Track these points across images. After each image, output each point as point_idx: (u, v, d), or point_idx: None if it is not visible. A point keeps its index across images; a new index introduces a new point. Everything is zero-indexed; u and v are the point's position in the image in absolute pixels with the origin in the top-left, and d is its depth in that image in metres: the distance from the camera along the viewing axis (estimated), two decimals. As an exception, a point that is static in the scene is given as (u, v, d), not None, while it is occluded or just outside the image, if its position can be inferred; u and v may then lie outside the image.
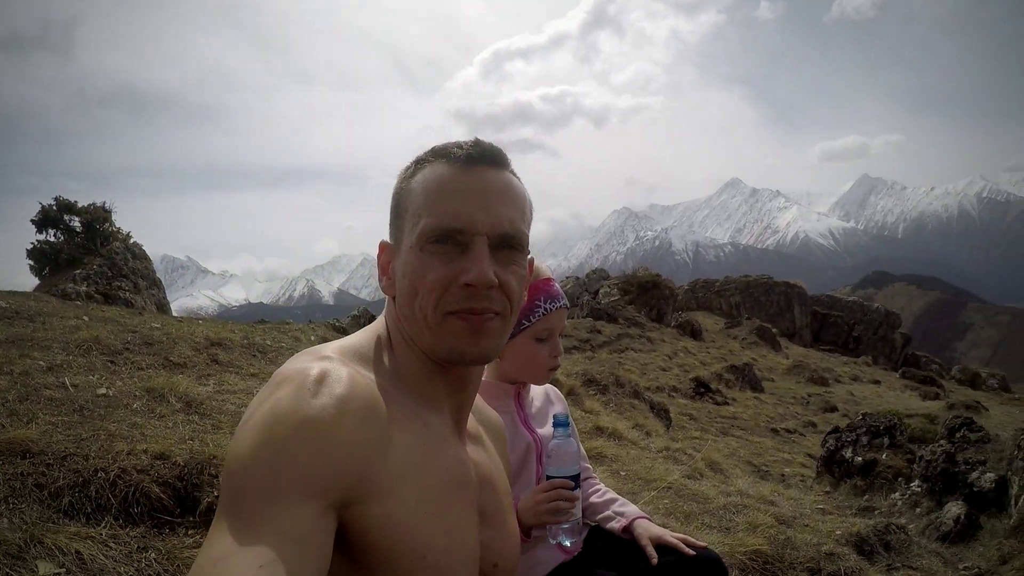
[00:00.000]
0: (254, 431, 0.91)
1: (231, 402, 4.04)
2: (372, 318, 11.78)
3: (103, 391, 3.41)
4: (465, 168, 1.12)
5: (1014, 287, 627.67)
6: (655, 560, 1.88)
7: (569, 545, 1.79)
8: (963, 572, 4.23)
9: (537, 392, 2.17)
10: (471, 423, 1.29)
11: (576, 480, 1.79)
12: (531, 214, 1.19)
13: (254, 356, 5.93)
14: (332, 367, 1.02)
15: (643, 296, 25.88)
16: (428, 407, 1.15)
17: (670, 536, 1.94)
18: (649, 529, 2.00)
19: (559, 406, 2.20)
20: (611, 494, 2.21)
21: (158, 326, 5.58)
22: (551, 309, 1.98)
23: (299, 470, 0.87)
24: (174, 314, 12.26)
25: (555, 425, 1.80)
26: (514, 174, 1.19)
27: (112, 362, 4.25)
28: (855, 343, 35.55)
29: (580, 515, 1.84)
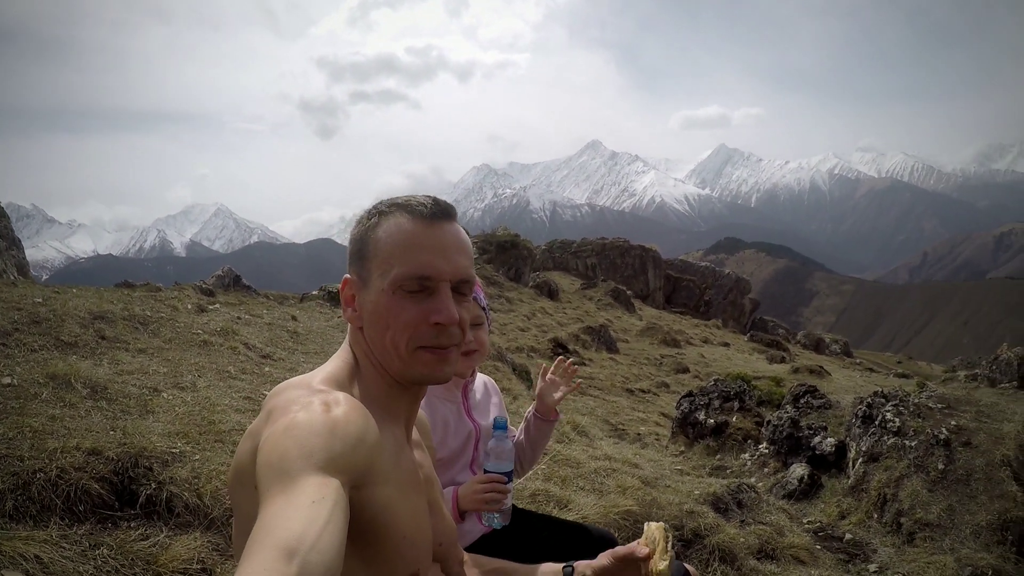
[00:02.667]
0: (285, 434, 1.12)
1: (131, 384, 4.07)
2: (237, 278, 11.43)
3: (7, 380, 3.35)
4: (428, 223, 1.36)
5: (859, 259, 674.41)
6: None
7: (499, 528, 2.12)
8: (807, 526, 4.76)
9: (478, 384, 2.47)
10: (413, 432, 1.55)
11: (510, 476, 2.11)
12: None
13: (137, 329, 5.86)
14: (330, 396, 1.24)
15: (502, 255, 26.12)
16: (390, 421, 1.39)
17: None
18: None
19: (495, 397, 2.52)
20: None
21: (40, 300, 5.38)
22: None
23: (326, 453, 1.09)
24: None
25: (495, 428, 2.12)
26: (460, 226, 1.45)
27: (5, 344, 4.14)
28: (706, 306, 37.47)
29: (511, 504, 2.18)
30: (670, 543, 1.58)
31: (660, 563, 1.54)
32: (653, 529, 1.60)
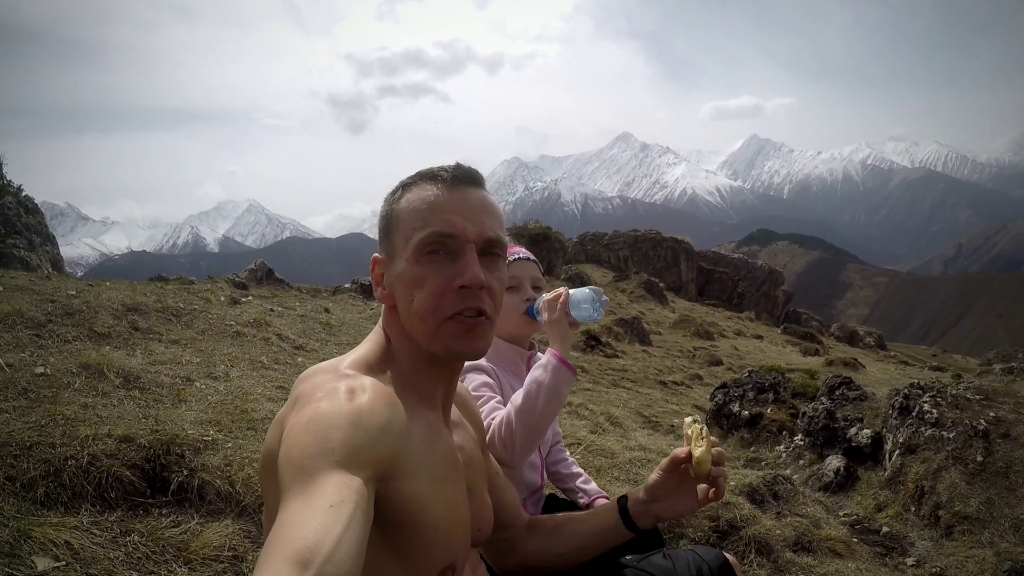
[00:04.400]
0: (306, 427, 1.08)
1: (164, 373, 4.10)
2: (270, 271, 11.58)
3: (40, 370, 3.38)
4: (450, 187, 1.30)
5: (892, 250, 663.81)
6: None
7: (598, 318, 2.05)
8: (843, 518, 4.66)
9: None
10: (453, 411, 1.48)
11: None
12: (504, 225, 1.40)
13: (170, 321, 5.92)
14: (356, 382, 1.19)
15: (533, 248, 26.26)
16: (425, 404, 1.33)
17: None
18: None
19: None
20: (576, 467, 2.51)
21: (74, 293, 5.45)
22: (510, 261, 2.23)
23: (348, 448, 1.05)
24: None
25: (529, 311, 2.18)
26: (488, 193, 1.38)
27: (38, 335, 4.18)
28: (739, 299, 36.97)
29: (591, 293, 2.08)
30: (703, 431, 1.57)
31: (696, 450, 1.53)
32: (686, 425, 1.61)
